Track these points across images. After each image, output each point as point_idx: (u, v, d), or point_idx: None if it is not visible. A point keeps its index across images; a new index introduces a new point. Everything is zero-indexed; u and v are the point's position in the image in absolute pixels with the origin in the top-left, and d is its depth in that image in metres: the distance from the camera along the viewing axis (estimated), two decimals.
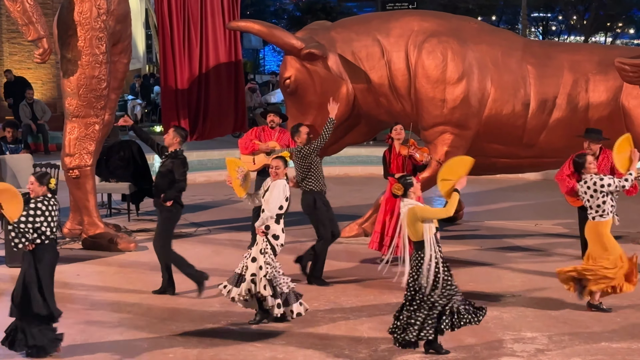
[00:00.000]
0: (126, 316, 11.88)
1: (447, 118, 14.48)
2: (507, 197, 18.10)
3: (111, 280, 13.52)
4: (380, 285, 13.09)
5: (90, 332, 11.32)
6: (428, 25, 15.00)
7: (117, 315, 11.80)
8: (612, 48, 16.55)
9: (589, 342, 10.88)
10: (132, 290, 13.01)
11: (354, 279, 13.47)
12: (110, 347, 10.82)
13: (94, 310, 12.11)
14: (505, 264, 14.06)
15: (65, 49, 14.74)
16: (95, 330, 11.39)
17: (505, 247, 14.87)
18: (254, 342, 10.93)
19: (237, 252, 14.81)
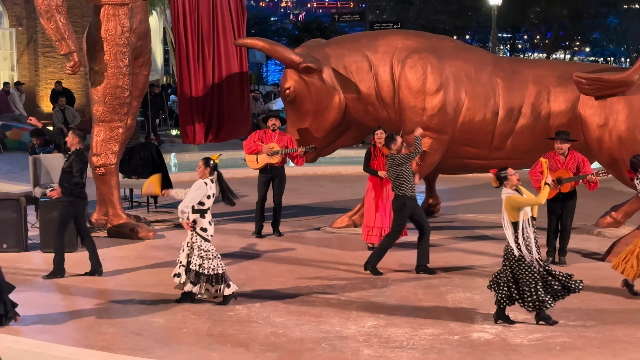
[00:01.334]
0: (145, 296, 11.92)
1: (426, 124, 14.50)
2: (479, 194, 18.13)
3: (132, 264, 13.55)
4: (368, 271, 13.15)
5: (113, 309, 11.38)
6: (410, 43, 15.04)
7: (137, 295, 11.84)
8: (571, 64, 16.59)
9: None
10: (150, 274, 13.07)
11: (344, 264, 13.49)
12: (131, 323, 10.87)
13: (117, 290, 12.16)
14: (477, 251, 14.12)
15: (93, 62, 14.76)
16: (118, 307, 11.44)
17: (477, 237, 14.92)
18: (257, 320, 10.98)
19: (243, 239, 14.88)
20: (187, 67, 15.96)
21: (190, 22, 15.88)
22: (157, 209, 17.16)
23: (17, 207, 14.29)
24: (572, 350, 9.96)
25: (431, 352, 9.94)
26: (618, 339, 10.28)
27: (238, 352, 9.87)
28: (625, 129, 13.65)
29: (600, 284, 12.43)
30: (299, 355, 9.81)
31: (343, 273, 13.04)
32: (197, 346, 10.07)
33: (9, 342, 9.62)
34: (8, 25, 31.60)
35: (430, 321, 10.91)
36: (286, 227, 15.37)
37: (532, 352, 9.90)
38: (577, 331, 10.57)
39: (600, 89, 13.82)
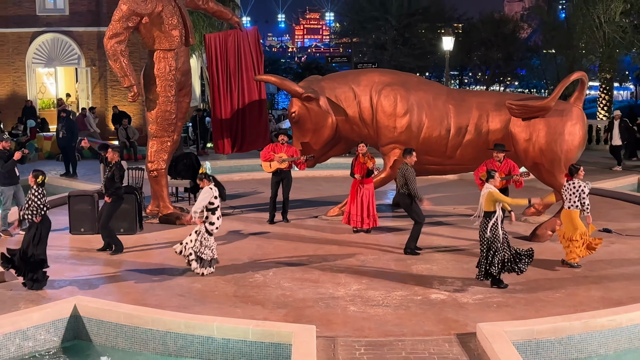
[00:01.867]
0: (190, 268, 11.87)
1: (396, 139, 14.50)
2: (435, 191, 18.09)
3: (177, 242, 13.55)
4: (354, 248, 13.14)
5: (163, 277, 11.38)
6: (384, 79, 15.04)
7: (181, 265, 11.81)
8: (504, 94, 16.58)
9: (487, 284, 10.94)
10: None
11: (336, 242, 13.48)
12: (176, 287, 10.89)
13: (166, 262, 12.16)
14: (435, 233, 14.09)
15: (148, 93, 14.74)
16: (166, 276, 11.44)
17: (434, 223, 14.89)
18: (270, 285, 10.98)
19: (260, 225, 14.85)
20: (218, 96, 15.94)
21: (221, 62, 15.86)
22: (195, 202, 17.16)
23: (92, 201, 14.30)
24: (506, 307, 9.98)
25: (400, 308, 9.96)
26: (539, 299, 10.31)
27: (256, 309, 9.88)
28: (544, 143, 13.65)
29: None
30: (301, 311, 9.82)
31: (335, 249, 13.02)
32: (225, 304, 10.08)
33: (86, 302, 9.61)
34: (85, 65, 31.57)
35: (399, 285, 10.94)
36: (292, 216, 15.35)
37: (475, 309, 9.92)
38: (509, 293, 10.59)
39: (526, 113, 13.83)
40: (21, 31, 31.45)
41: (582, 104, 14.25)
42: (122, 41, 13.99)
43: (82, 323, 9.44)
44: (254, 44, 16.14)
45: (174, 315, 9.16)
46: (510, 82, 45.07)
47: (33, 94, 32.31)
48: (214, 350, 8.78)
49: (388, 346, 8.65)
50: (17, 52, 31.65)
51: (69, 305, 9.52)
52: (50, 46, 31.67)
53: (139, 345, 9.07)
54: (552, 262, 12.15)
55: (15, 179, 13.93)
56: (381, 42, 39.40)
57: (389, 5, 38.25)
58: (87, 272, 11.71)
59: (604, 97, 32.16)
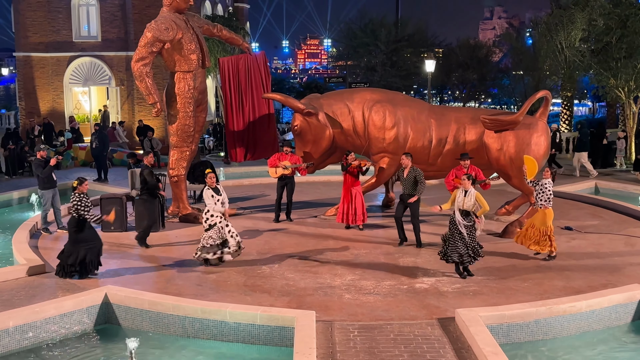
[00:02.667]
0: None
1: (385, 149, 14.49)
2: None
3: (195, 240, 13.50)
4: (348, 243, 13.12)
5: (182, 269, 11.35)
6: (375, 96, 15.04)
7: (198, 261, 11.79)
8: (479, 110, 16.58)
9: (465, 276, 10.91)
10: None
11: (333, 238, 13.45)
12: (193, 277, 10.85)
13: (185, 256, 12.12)
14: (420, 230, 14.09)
15: (169, 109, 14.73)
16: (185, 268, 11.42)
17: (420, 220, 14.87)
18: (276, 275, 10.96)
19: (267, 223, 14.81)
20: (231, 111, 15.93)
21: (233, 82, 15.85)
22: None
23: (120, 202, 14.28)
24: (480, 295, 9.96)
25: (389, 296, 9.94)
26: (510, 288, 10.29)
27: (263, 297, 9.86)
28: (514, 152, 13.63)
29: (499, 251, 12.42)
30: (302, 299, 9.79)
31: (332, 244, 12.99)
32: (237, 292, 10.05)
33: (115, 291, 9.59)
34: (115, 84, 31.58)
35: (388, 276, 10.92)
36: (295, 215, 15.33)
37: (454, 296, 9.90)
38: (483, 282, 10.57)
39: (497, 126, 13.82)
40: (60, 55, 31.50)
41: (546, 118, 14.25)
42: (147, 64, 13.99)
43: (112, 309, 9.42)
44: (262, 66, 16.14)
45: (192, 302, 9.15)
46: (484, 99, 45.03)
47: (69, 110, 32.34)
48: (227, 333, 8.76)
49: (378, 329, 8.64)
50: (56, 74, 31.70)
51: (101, 293, 9.51)
52: (84, 68, 31.69)
53: (162, 329, 9.05)
54: (520, 255, 12.13)
55: (54, 183, 13.93)
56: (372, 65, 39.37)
57: (378, 33, 38.28)
58: (116, 264, 11.69)
59: (566, 112, 32.20)
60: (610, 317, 9.25)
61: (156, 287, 10.30)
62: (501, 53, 46.53)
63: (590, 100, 47.52)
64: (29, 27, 31.18)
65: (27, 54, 31.47)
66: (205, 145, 29.56)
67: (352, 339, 8.34)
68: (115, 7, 30.90)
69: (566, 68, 29.22)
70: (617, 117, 32.09)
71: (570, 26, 27.69)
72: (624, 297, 9.40)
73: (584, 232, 13.99)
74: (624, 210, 15.99)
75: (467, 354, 7.89)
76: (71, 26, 31.27)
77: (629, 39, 26.04)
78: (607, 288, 9.94)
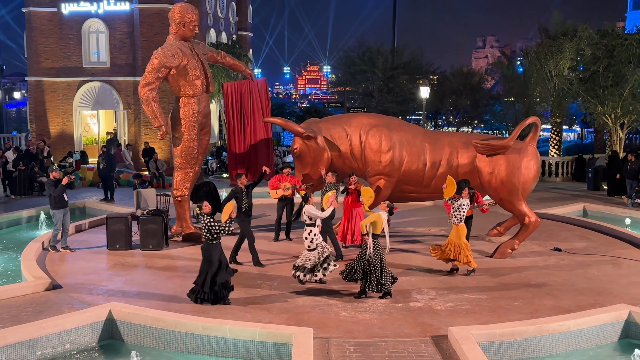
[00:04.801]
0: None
1: (381, 171, 14.50)
2: (413, 215, 18.08)
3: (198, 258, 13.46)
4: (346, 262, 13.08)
5: (184, 285, 11.29)
6: (372, 121, 15.06)
7: None
8: (471, 135, 16.55)
9: (458, 294, 10.92)
10: None
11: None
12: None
13: (188, 274, 12.07)
14: (412, 250, 14.06)
15: (174, 131, 14.78)
16: (187, 285, 11.33)
17: (412, 241, 14.87)
18: (275, 293, 10.91)
19: (267, 243, 14.69)
20: (233, 134, 15.98)
21: (235, 107, 15.93)
22: None
23: (126, 221, 14.26)
24: (473, 314, 9.94)
25: (384, 314, 9.91)
26: (501, 306, 10.27)
27: (263, 313, 9.83)
28: (505, 175, 13.63)
29: (490, 270, 12.41)
30: (300, 316, 9.76)
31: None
32: (237, 309, 10.02)
33: (119, 307, 9.56)
34: (122, 108, 31.69)
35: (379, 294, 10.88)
36: (294, 235, 15.30)
37: (447, 314, 9.88)
38: (476, 301, 10.55)
39: (489, 150, 13.85)
40: (70, 80, 31.67)
41: (536, 143, 14.29)
42: (153, 89, 14.07)
43: (116, 325, 9.38)
44: (263, 92, 16.22)
45: (193, 319, 9.12)
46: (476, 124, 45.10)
47: (79, 133, 32.44)
48: (227, 349, 8.72)
49: (373, 346, 8.61)
50: (65, 97, 31.85)
51: (105, 310, 9.47)
52: (93, 92, 31.84)
53: (164, 344, 9.01)
54: (512, 275, 12.12)
55: (65, 203, 13.87)
56: (369, 91, 39.51)
57: (375, 60, 38.49)
58: (120, 282, 11.66)
59: (555, 138, 32.31)
60: (598, 336, 9.22)
61: (159, 303, 10.26)
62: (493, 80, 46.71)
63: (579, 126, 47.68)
64: (41, 53, 31.39)
65: (39, 79, 31.64)
66: (208, 166, 29.57)
67: (348, 356, 8.30)
68: (124, 34, 31.15)
69: (555, 95, 29.38)
70: (604, 142, 32.17)
71: (559, 55, 27.92)
72: (611, 317, 9.38)
73: (573, 253, 13.98)
74: (612, 232, 15.99)
75: None
76: (81, 52, 31.48)
77: (615, 68, 26.26)
78: (595, 308, 9.93)
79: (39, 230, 16.90)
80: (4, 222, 17.70)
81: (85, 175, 25.73)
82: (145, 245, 14.05)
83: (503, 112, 40.79)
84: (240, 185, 13.04)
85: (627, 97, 26.01)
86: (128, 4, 30.88)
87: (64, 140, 31.87)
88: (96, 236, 15.40)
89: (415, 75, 39.77)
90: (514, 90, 35.41)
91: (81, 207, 20.08)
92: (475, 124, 44.76)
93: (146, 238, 14.08)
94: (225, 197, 13.49)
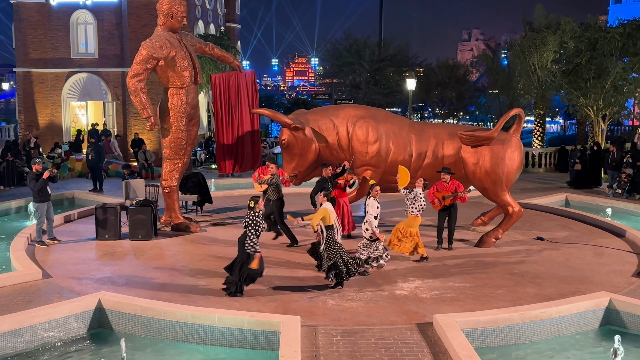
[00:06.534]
0: (194, 266, 11.83)
1: (368, 162, 14.51)
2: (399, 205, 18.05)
3: (187, 248, 13.48)
4: None
5: (173, 274, 11.30)
6: (359, 112, 15.05)
7: (190, 265, 11.78)
8: (456, 126, 16.55)
9: (442, 282, 10.98)
10: (199, 254, 12.98)
11: None
12: (185, 283, 10.80)
13: (177, 263, 12.09)
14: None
15: (163, 123, 14.70)
16: (177, 274, 11.36)
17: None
18: (263, 282, 10.89)
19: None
20: (221, 126, 15.91)
21: (223, 98, 15.84)
22: (202, 213, 17.05)
23: (115, 212, 14.18)
24: (457, 302, 10.00)
25: (370, 302, 9.95)
26: (485, 294, 10.34)
27: (251, 302, 9.83)
28: (489, 166, 13.69)
29: (474, 259, 12.49)
30: (288, 304, 9.78)
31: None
32: (225, 298, 10.02)
33: (108, 297, 9.52)
34: (111, 99, 31.46)
35: (370, 283, 10.93)
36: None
37: (432, 303, 9.94)
38: (460, 289, 10.62)
39: (474, 142, 13.89)
40: (58, 71, 31.38)
41: (519, 134, 14.36)
42: (141, 80, 13.97)
43: (105, 314, 9.35)
44: (251, 84, 16.14)
45: (182, 307, 9.09)
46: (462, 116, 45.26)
47: (67, 124, 32.17)
48: (216, 337, 8.72)
49: (360, 333, 8.64)
50: (54, 89, 31.56)
51: (94, 299, 9.44)
52: (82, 84, 31.58)
53: (153, 333, 8.99)
54: (495, 264, 12.20)
55: (47, 197, 13.56)
56: (356, 83, 39.48)
57: (362, 52, 38.46)
58: (110, 271, 11.61)
59: (538, 129, 32.48)
60: (579, 323, 9.31)
61: (148, 292, 10.22)
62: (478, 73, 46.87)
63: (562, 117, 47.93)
64: (29, 44, 31.07)
65: (27, 70, 31.33)
66: (197, 157, 29.45)
67: (335, 343, 8.33)
68: (112, 25, 30.86)
69: (539, 87, 29.51)
70: (586, 134, 32.40)
71: (542, 48, 28.02)
72: (592, 304, 9.48)
73: (555, 243, 14.09)
74: (593, 222, 16.14)
75: (444, 357, 7.91)
76: (70, 43, 31.18)
77: (597, 61, 26.42)
78: (577, 295, 10.03)
79: (29, 220, 16.78)
80: None
81: (74, 166, 25.54)
82: (134, 236, 13.99)
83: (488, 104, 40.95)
84: (326, 175, 13.12)
85: (609, 90, 26.22)
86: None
87: (52, 131, 31.62)
88: (85, 226, 15.31)
89: (401, 67, 39.80)
90: (498, 83, 35.52)
91: (70, 198, 19.96)
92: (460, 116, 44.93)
93: (135, 228, 14.02)
94: (314, 188, 13.55)
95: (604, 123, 27.91)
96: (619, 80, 26.23)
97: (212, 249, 13.24)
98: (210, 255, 12.74)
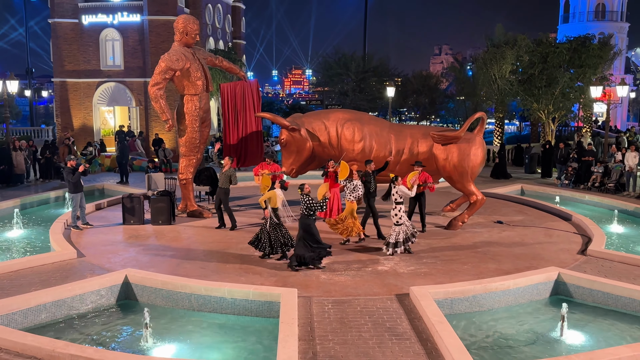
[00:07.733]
0: (207, 247, 11.79)
1: (355, 158, 14.46)
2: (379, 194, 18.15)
3: (200, 231, 13.43)
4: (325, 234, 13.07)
5: (190, 255, 11.25)
6: (346, 116, 15.00)
7: (203, 247, 11.74)
8: (429, 127, 16.56)
9: (417, 260, 10.98)
10: (210, 236, 12.94)
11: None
12: (199, 261, 10.74)
13: (192, 244, 12.05)
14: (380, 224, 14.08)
15: (179, 124, 14.63)
16: (192, 253, 11.31)
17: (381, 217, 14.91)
18: (265, 260, 10.86)
19: (258, 220, 14.64)
20: (228, 127, 15.83)
21: (230, 104, 15.76)
22: (213, 202, 16.96)
23: (139, 201, 14.12)
24: (430, 275, 10.01)
25: (356, 276, 9.95)
26: (453, 270, 10.36)
27: (255, 277, 9.81)
28: (456, 161, 13.68)
29: (444, 240, 12.50)
30: (287, 279, 9.76)
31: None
32: (234, 274, 9.99)
33: (134, 273, 9.48)
34: (135, 105, 31.24)
35: (355, 260, 10.93)
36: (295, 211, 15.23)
37: (409, 277, 9.94)
38: (432, 265, 10.63)
39: (444, 140, 13.88)
40: (89, 81, 31.16)
41: (482, 134, 14.36)
42: (161, 88, 13.89)
43: (131, 288, 9.32)
44: (255, 91, 16.05)
45: (197, 282, 9.07)
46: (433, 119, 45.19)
47: (97, 126, 32.01)
48: (225, 307, 8.71)
49: (348, 303, 8.65)
50: (86, 96, 31.35)
51: (122, 275, 9.40)
52: (110, 91, 31.36)
53: (172, 304, 8.97)
54: (462, 244, 12.22)
55: (81, 188, 13.60)
56: (344, 91, 39.34)
57: (350, 65, 38.34)
58: (135, 251, 11.56)
59: (498, 130, 32.56)
60: (533, 293, 9.36)
61: (168, 269, 10.19)
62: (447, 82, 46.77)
63: (518, 120, 48.01)
64: (64, 58, 30.82)
65: (63, 80, 31.09)
66: (209, 154, 29.32)
67: (327, 311, 8.34)
68: (136, 42, 30.64)
69: (499, 94, 29.53)
70: (538, 134, 32.47)
71: (502, 61, 28.03)
72: (543, 277, 9.52)
73: (512, 225, 14.14)
74: (544, 207, 16.20)
75: (419, 322, 7.93)
76: (99, 57, 30.95)
77: (548, 72, 26.46)
78: (530, 270, 10.07)
79: (65, 208, 16.68)
80: (35, 201, 17.45)
81: (103, 162, 25.44)
82: (156, 221, 13.94)
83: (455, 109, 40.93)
84: (369, 170, 12.91)
85: (558, 96, 26.30)
86: (139, 16, 30.43)
87: (85, 132, 31.43)
88: (113, 213, 15.24)
89: (383, 77, 39.66)
90: (464, 90, 35.51)
91: (100, 189, 19.85)
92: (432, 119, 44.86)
93: (156, 215, 13.96)
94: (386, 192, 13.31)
95: (553, 124, 27.99)
96: (566, 88, 26.31)
97: (221, 232, 13.20)
98: (220, 237, 12.70)
